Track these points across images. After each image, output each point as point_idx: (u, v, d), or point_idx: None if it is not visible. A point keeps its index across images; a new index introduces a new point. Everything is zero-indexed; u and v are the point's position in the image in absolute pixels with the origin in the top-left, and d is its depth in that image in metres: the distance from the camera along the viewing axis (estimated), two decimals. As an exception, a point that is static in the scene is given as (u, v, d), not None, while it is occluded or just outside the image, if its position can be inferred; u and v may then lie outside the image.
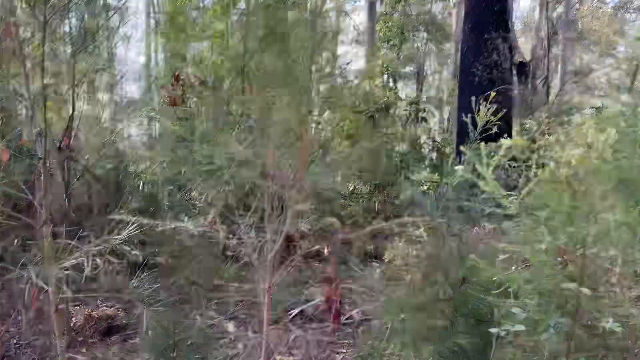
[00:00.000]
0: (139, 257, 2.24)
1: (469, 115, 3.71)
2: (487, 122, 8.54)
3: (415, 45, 11.53)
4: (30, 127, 2.55)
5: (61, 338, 2.77)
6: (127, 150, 3.65)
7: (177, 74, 3.43)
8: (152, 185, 3.58)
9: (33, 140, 2.66)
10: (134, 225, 2.18)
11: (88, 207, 3.74)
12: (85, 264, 2.20)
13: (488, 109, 3.36)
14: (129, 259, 2.50)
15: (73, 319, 3.85)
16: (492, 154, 2.02)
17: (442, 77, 14.28)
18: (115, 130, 3.65)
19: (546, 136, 5.91)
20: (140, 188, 3.53)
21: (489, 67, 8.93)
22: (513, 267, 1.85)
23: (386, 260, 3.08)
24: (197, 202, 3.56)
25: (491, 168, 1.87)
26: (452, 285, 2.22)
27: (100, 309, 4.02)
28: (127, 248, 2.14)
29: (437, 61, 13.52)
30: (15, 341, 3.63)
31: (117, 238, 2.18)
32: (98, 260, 2.25)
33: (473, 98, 4.19)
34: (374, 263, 5.12)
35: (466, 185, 4.20)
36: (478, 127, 4.49)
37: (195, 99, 3.40)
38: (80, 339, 3.71)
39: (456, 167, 2.10)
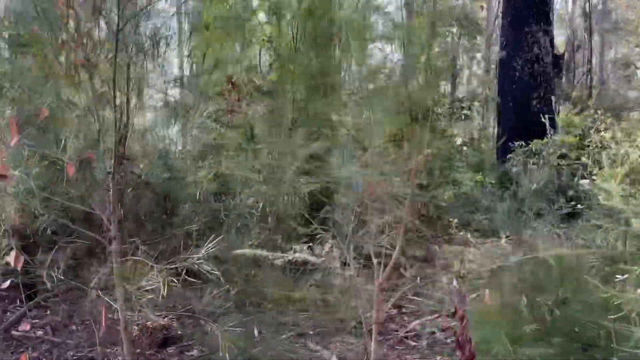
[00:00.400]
0: (219, 277, 2.13)
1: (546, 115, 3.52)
2: (531, 117, 8.25)
3: (448, 40, 11.27)
4: (99, 139, 2.46)
5: (130, 355, 2.69)
6: (182, 159, 3.56)
7: (232, 80, 3.32)
8: (210, 195, 3.49)
9: (100, 152, 2.57)
10: (213, 243, 2.06)
11: (142, 219, 3.65)
12: (161, 284, 2.09)
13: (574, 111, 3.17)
14: (202, 276, 2.39)
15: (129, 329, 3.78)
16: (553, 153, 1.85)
17: (473, 72, 13.96)
18: (168, 138, 3.56)
19: (602, 133, 5.59)
20: (198, 198, 3.43)
21: (530, 61, 8.64)
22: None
23: (458, 273, 2.92)
24: (254, 212, 3.44)
25: (617, 180, 1.70)
26: (553, 305, 2.05)
27: (153, 319, 3.95)
28: (208, 267, 2.03)
29: (467, 56, 13.21)
30: (72, 353, 3.58)
31: (195, 257, 2.07)
32: (174, 280, 2.14)
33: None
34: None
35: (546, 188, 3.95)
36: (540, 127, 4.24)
37: (251, 105, 3.30)
38: (137, 350, 3.64)
39: (581, 181, 1.91)
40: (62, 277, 2.74)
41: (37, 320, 4.08)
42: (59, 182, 2.67)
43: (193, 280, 2.28)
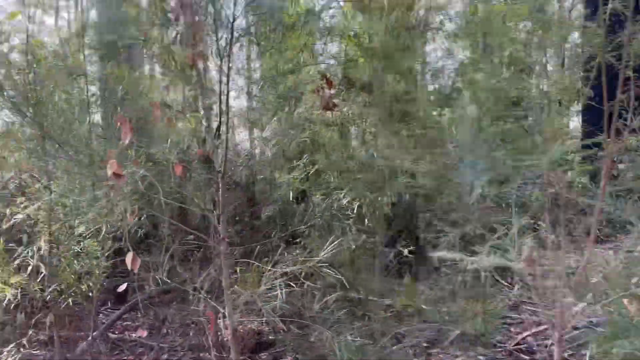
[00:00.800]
0: (342, 281, 1.98)
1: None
2: (624, 111, 7.52)
3: (523, 34, 10.71)
4: (210, 140, 2.38)
5: (235, 363, 2.59)
6: (272, 159, 3.47)
7: (328, 76, 3.19)
8: (302, 196, 3.37)
9: (210, 152, 2.49)
10: (333, 245, 1.90)
11: (233, 220, 3.58)
12: (279, 289, 1.96)
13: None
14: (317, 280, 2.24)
15: (219, 334, 3.72)
16: None
17: (552, 66, 13.22)
18: (259, 138, 3.49)
19: None
20: (291, 199, 3.32)
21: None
22: None
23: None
24: (349, 213, 3.28)
25: None
26: None
27: (244, 324, 3.87)
28: (330, 271, 1.88)
29: (543, 50, 12.51)
30: (166, 357, 3.56)
31: (316, 259, 1.93)
32: (292, 285, 2.00)
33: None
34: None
35: None
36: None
37: (347, 101, 3.16)
38: (230, 356, 3.57)
39: None
40: (167, 280, 2.69)
41: (129, 322, 4.13)
42: (165, 182, 2.61)
43: (309, 283, 2.14)
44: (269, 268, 2.03)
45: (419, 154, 2.80)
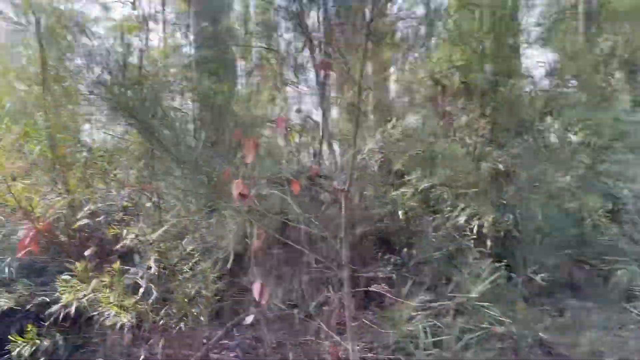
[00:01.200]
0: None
1: None
2: None
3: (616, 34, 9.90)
4: (332, 156, 2.17)
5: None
6: (379, 174, 3.23)
7: (443, 83, 2.91)
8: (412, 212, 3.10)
9: (327, 168, 2.28)
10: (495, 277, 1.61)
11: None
12: (422, 329, 1.69)
13: None
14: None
15: None
16: None
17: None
18: (365, 151, 3.26)
19: None
20: (402, 217, 3.05)
21: None
22: None
23: None
24: (467, 233, 2.96)
25: None
26: None
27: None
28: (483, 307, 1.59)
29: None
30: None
31: (472, 295, 1.64)
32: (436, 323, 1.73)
33: None
34: None
35: None
36: None
37: (467, 108, 2.86)
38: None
39: None
40: (277, 303, 2.51)
41: (226, 341, 4.01)
42: (278, 201, 2.44)
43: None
44: (410, 302, 1.77)
45: (556, 164, 2.44)
